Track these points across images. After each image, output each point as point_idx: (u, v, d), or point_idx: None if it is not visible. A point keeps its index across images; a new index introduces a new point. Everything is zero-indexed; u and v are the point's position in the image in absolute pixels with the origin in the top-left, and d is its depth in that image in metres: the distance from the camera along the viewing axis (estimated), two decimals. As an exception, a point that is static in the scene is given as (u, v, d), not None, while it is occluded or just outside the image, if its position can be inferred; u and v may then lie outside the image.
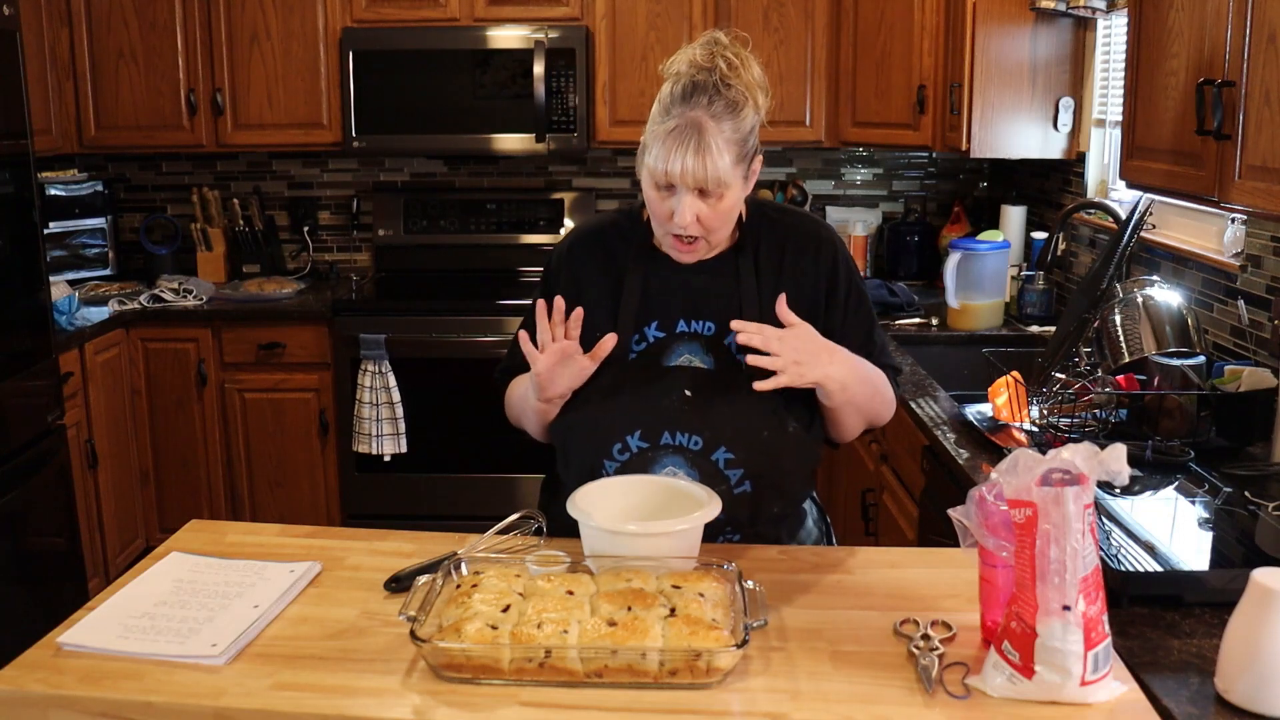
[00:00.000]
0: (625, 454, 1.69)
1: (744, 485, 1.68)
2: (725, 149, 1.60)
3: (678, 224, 1.62)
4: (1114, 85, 3.25)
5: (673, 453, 1.67)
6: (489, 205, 4.37)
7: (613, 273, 1.76)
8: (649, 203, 1.67)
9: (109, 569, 3.71)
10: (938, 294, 3.79)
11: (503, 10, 4.02)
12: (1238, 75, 1.84)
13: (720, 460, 1.67)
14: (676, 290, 1.72)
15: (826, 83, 4.01)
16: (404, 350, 3.80)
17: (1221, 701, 1.29)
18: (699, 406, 1.67)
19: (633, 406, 1.68)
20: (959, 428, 2.45)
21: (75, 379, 3.54)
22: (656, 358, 1.71)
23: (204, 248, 4.32)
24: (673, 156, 1.58)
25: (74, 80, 4.04)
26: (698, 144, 1.58)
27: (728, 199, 1.64)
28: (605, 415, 1.69)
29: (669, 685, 1.27)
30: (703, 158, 1.58)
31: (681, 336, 1.72)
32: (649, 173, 1.63)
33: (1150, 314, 2.34)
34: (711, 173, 1.59)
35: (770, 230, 1.76)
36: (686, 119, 1.59)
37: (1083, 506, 1.21)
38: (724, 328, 1.70)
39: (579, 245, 1.81)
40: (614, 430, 1.69)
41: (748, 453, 1.67)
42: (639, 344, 1.72)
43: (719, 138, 1.59)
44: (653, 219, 1.69)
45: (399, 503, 3.95)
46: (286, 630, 1.43)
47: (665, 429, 1.67)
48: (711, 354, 1.71)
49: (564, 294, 1.73)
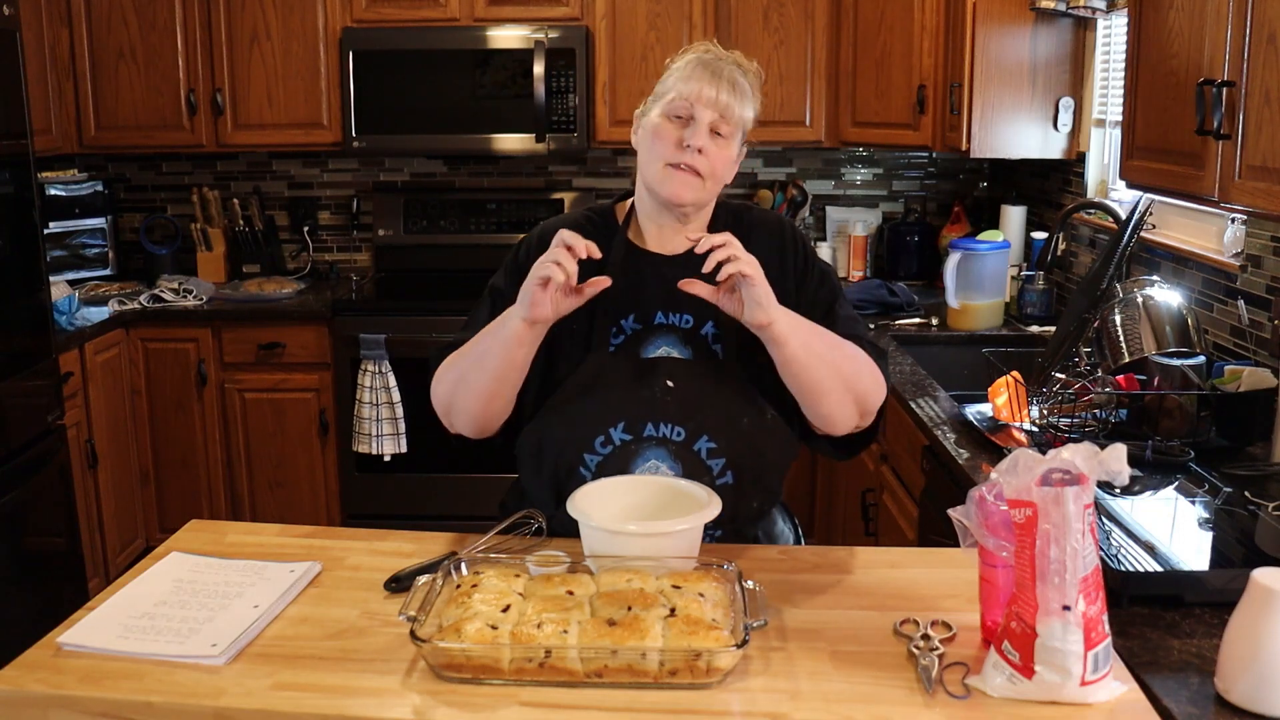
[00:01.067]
0: (608, 446, 1.68)
1: (725, 476, 1.68)
2: (746, 96, 1.67)
3: (692, 143, 1.63)
4: (1114, 85, 3.25)
5: (656, 444, 1.67)
6: (489, 205, 4.37)
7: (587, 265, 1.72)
8: (654, 133, 1.67)
9: (109, 569, 3.71)
10: (938, 294, 3.79)
11: (503, 10, 4.02)
12: (1238, 75, 1.84)
13: (703, 450, 1.67)
14: (652, 283, 1.72)
15: (826, 83, 4.01)
16: (404, 350, 3.80)
17: (1221, 701, 1.29)
18: (680, 397, 1.67)
19: (614, 398, 1.68)
20: (959, 428, 2.45)
21: (75, 379, 3.54)
22: (635, 350, 1.71)
23: (204, 248, 4.32)
24: (703, 80, 1.64)
25: (74, 80, 4.04)
26: (728, 77, 1.65)
27: (729, 150, 1.68)
28: (586, 408, 1.68)
29: (669, 685, 1.27)
30: (730, 89, 1.65)
31: (659, 328, 1.72)
32: (666, 104, 1.67)
33: (1150, 314, 2.34)
34: (736, 106, 1.65)
35: (735, 225, 1.77)
36: (712, 55, 1.68)
37: (1083, 506, 1.21)
38: (701, 320, 1.71)
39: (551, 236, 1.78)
40: (596, 423, 1.68)
41: (729, 442, 1.67)
42: (617, 336, 1.72)
43: (743, 83, 1.68)
44: (652, 151, 1.68)
45: (399, 503, 3.95)
46: (286, 630, 1.43)
47: (648, 420, 1.67)
48: (689, 345, 1.71)
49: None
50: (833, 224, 4.40)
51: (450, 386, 1.72)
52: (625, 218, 1.80)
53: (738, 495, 1.70)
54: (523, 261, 1.75)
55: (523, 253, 1.79)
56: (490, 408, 1.70)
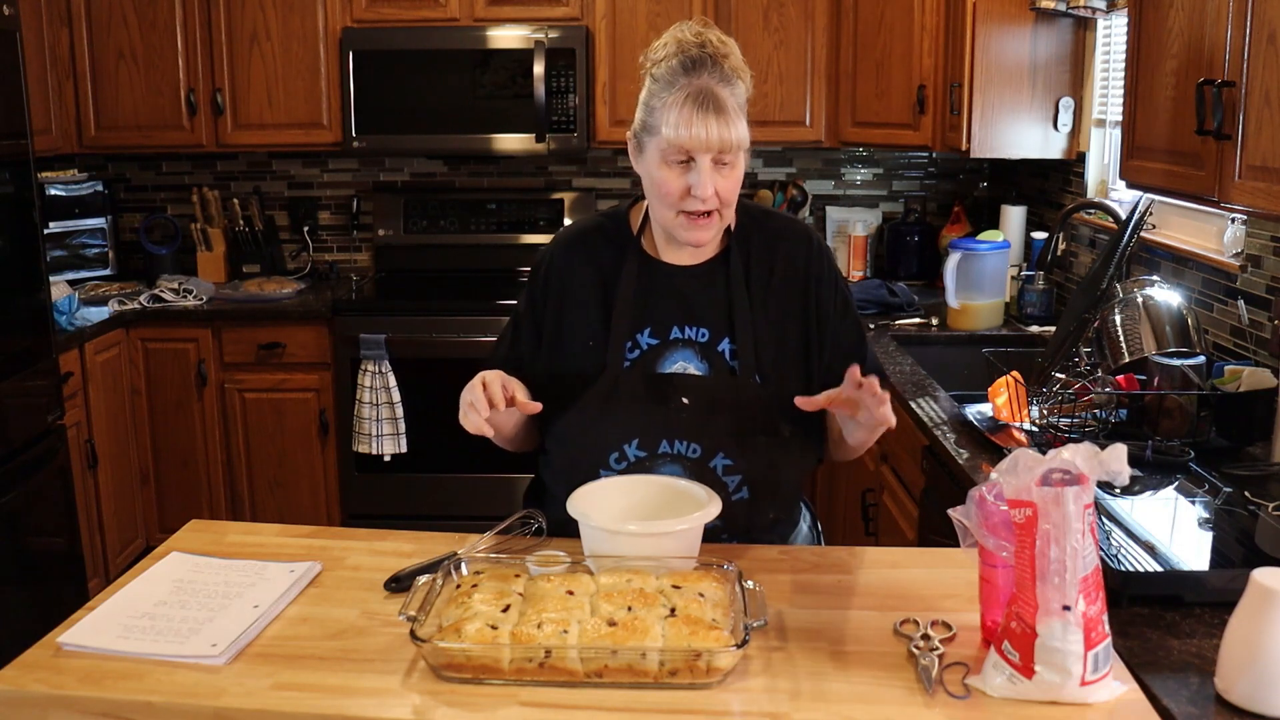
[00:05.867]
0: (622, 463, 1.68)
1: (741, 491, 1.68)
2: (738, 114, 1.59)
3: (699, 195, 1.58)
4: (1114, 85, 3.25)
5: (671, 461, 1.67)
6: (489, 205, 4.37)
7: (603, 278, 1.72)
8: (659, 184, 1.61)
9: (109, 569, 3.71)
10: (938, 294, 3.79)
11: (503, 10, 4.02)
12: (1238, 75, 1.84)
13: (718, 467, 1.67)
14: (669, 296, 1.70)
15: (826, 83, 4.01)
16: (404, 350, 3.80)
17: (1221, 701, 1.29)
18: (696, 415, 1.66)
19: (630, 415, 1.66)
20: (959, 428, 2.45)
21: (75, 379, 3.54)
22: (651, 365, 1.69)
23: (204, 248, 4.32)
24: (693, 123, 1.55)
25: (74, 80, 4.04)
26: (716, 107, 1.56)
27: (738, 170, 1.62)
28: (602, 424, 1.67)
29: (669, 685, 1.27)
30: (723, 120, 1.56)
31: (675, 343, 1.70)
32: (662, 148, 1.59)
33: (1150, 314, 2.34)
34: (733, 136, 1.57)
35: (759, 233, 1.74)
36: (695, 87, 1.57)
37: (1083, 506, 1.21)
38: (717, 333, 1.69)
39: (567, 250, 1.77)
40: (611, 439, 1.67)
41: (745, 459, 1.67)
42: (633, 351, 1.70)
43: (730, 102, 1.58)
44: (662, 201, 1.63)
45: (399, 503, 3.95)
46: (286, 630, 1.43)
47: (663, 438, 1.66)
48: (706, 360, 1.69)
49: (552, 300, 1.73)
50: (833, 224, 4.40)
51: None
52: (640, 225, 1.76)
53: (753, 510, 1.70)
54: (541, 277, 1.77)
55: (540, 272, 1.78)
56: (515, 443, 1.77)
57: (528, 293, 1.79)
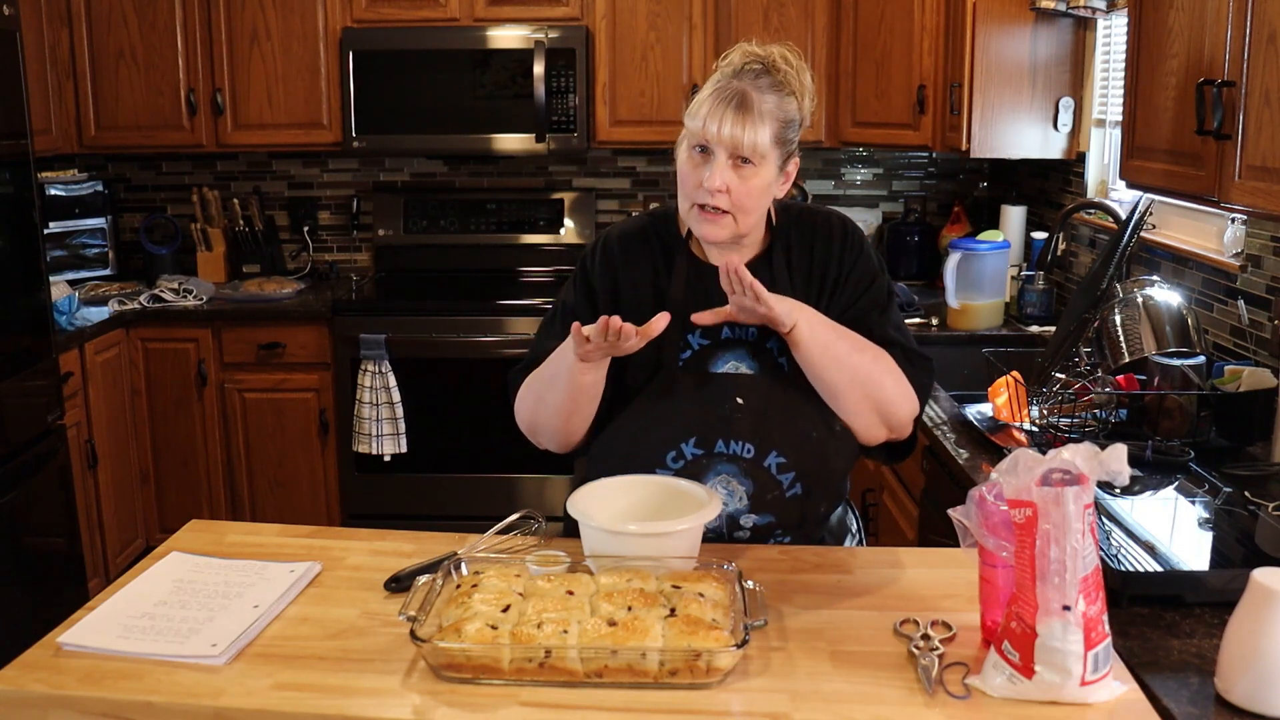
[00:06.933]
0: (679, 461, 1.68)
1: (795, 488, 1.69)
2: (766, 120, 1.61)
3: (708, 186, 1.60)
4: (1114, 85, 3.25)
5: (726, 461, 1.68)
6: (489, 205, 4.37)
7: (652, 278, 1.74)
8: (682, 176, 1.65)
9: (109, 569, 3.71)
10: (938, 294, 3.79)
11: (503, 10, 4.02)
12: (1238, 75, 1.84)
13: (772, 465, 1.68)
14: (718, 296, 1.68)
15: (826, 83, 4.01)
16: (404, 350, 3.80)
17: (1221, 701, 1.29)
18: (750, 414, 1.67)
19: (687, 414, 1.68)
20: (959, 428, 2.45)
21: (75, 379, 3.54)
22: (703, 365, 1.71)
23: (204, 248, 4.32)
24: (714, 116, 1.59)
25: (74, 80, 4.04)
26: (740, 105, 1.59)
27: (760, 177, 1.62)
28: (659, 422, 1.69)
29: (669, 685, 1.27)
30: (743, 120, 1.59)
31: (726, 343, 1.71)
32: (688, 136, 1.63)
33: (1150, 314, 2.34)
34: (749, 138, 1.59)
35: (798, 229, 1.76)
36: (732, 87, 1.62)
37: (1083, 506, 1.21)
38: (766, 332, 1.69)
39: (616, 247, 1.78)
40: (669, 437, 1.68)
41: (798, 455, 1.68)
42: (684, 351, 1.71)
43: (761, 106, 1.61)
44: (682, 192, 1.66)
45: (399, 503, 3.95)
46: (286, 630, 1.43)
47: (720, 438, 1.67)
48: (756, 359, 1.71)
49: (602, 297, 1.73)
50: (833, 224, 4.40)
51: (531, 407, 1.75)
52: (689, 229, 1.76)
53: (806, 504, 1.71)
54: (589, 272, 1.78)
55: (586, 266, 1.79)
56: (570, 424, 1.72)
57: (579, 286, 1.79)
